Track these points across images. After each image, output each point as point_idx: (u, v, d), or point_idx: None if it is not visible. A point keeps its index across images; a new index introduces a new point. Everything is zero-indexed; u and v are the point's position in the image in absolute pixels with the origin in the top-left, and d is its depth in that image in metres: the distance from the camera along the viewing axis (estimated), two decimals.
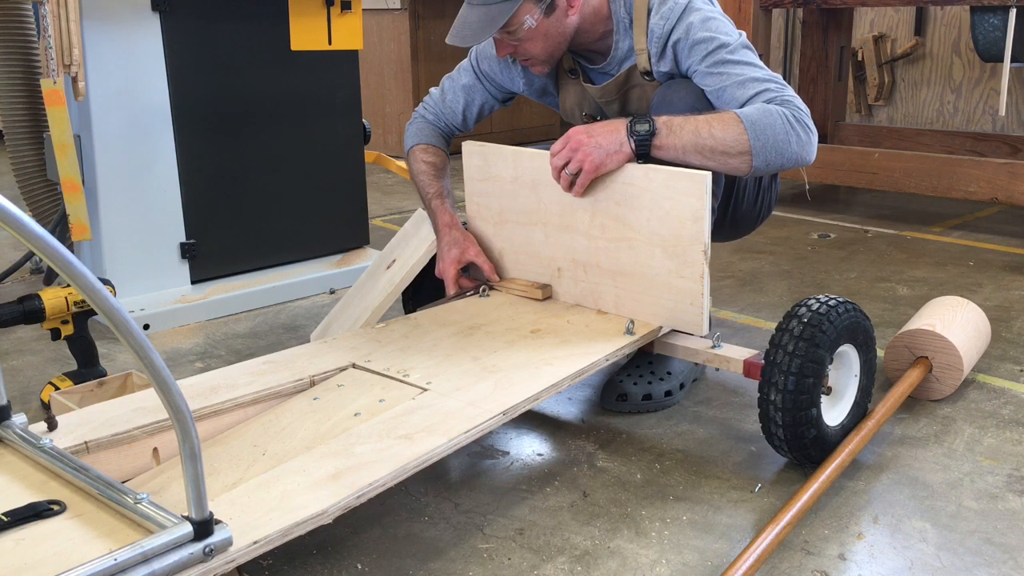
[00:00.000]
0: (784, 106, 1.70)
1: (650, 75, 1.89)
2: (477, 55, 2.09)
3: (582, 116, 2.06)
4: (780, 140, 1.68)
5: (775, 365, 1.63)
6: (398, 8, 5.04)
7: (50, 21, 2.14)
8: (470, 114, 2.14)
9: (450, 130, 2.16)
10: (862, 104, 5.27)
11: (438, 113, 2.15)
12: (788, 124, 1.69)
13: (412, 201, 4.11)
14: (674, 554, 1.46)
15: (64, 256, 0.87)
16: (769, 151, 1.68)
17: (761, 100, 1.72)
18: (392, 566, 1.44)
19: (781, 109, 1.69)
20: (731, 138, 1.67)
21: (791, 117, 1.69)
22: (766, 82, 1.74)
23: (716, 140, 1.68)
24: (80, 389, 1.85)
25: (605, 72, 1.96)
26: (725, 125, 1.68)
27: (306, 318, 2.61)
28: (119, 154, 2.44)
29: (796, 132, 1.69)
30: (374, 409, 1.49)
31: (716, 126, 1.68)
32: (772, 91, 1.73)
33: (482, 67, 2.08)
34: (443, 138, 2.14)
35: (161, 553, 1.03)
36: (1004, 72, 3.19)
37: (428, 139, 2.12)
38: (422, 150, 2.11)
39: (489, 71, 2.08)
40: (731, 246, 3.24)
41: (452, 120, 2.15)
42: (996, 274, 2.93)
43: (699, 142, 1.68)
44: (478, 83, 2.10)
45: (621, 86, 1.94)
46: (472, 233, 2.05)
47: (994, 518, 1.55)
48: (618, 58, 1.92)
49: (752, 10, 3.51)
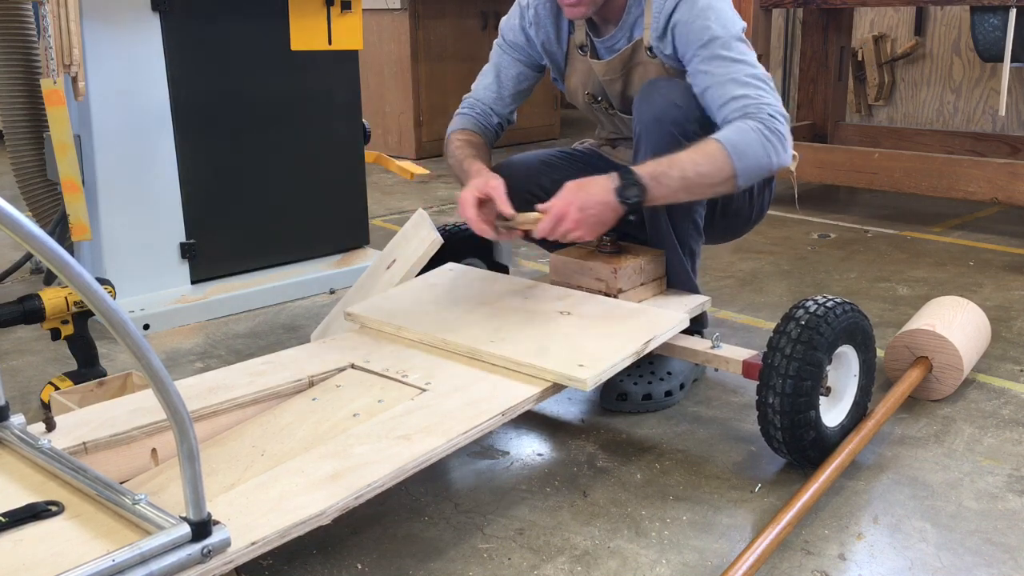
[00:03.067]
0: (758, 117, 1.74)
1: (652, 51, 1.89)
2: (501, 31, 2.09)
3: (584, 95, 2.06)
4: (760, 156, 1.73)
5: (773, 368, 1.62)
6: (398, 8, 5.03)
7: (50, 21, 2.14)
8: (505, 86, 2.07)
9: (487, 115, 2.09)
10: (862, 104, 5.27)
11: (472, 103, 2.10)
12: (764, 139, 1.73)
13: (412, 201, 4.11)
14: (674, 554, 1.46)
15: (61, 256, 0.87)
16: (751, 169, 1.73)
17: (738, 108, 1.75)
18: (392, 566, 1.44)
19: (756, 124, 1.73)
20: (716, 168, 1.71)
21: (766, 130, 1.73)
22: (746, 86, 1.77)
23: (703, 175, 1.71)
24: (80, 389, 1.85)
25: (612, 47, 1.96)
26: (709, 157, 1.71)
27: (306, 318, 2.61)
28: (119, 154, 2.44)
29: (772, 144, 1.74)
30: (373, 409, 1.49)
31: (700, 161, 1.71)
32: (750, 98, 1.76)
33: (507, 38, 2.07)
34: (481, 125, 2.09)
35: (159, 554, 1.02)
36: (1004, 72, 3.19)
37: (463, 126, 2.07)
38: (457, 135, 2.05)
39: (514, 40, 2.05)
40: (731, 246, 3.24)
41: (487, 99, 2.09)
42: (996, 274, 2.93)
43: (687, 183, 1.72)
44: (506, 55, 2.08)
45: (626, 62, 1.94)
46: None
47: (994, 518, 1.55)
48: (628, 23, 1.91)
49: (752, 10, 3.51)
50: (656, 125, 1.82)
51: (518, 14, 2.04)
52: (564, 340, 1.67)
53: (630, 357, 1.63)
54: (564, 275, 1.97)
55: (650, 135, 1.84)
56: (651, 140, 1.83)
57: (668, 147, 1.79)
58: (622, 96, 2.00)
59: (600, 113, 2.10)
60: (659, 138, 1.82)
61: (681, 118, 1.81)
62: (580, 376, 1.53)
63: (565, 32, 2.01)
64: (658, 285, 1.98)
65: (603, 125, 2.17)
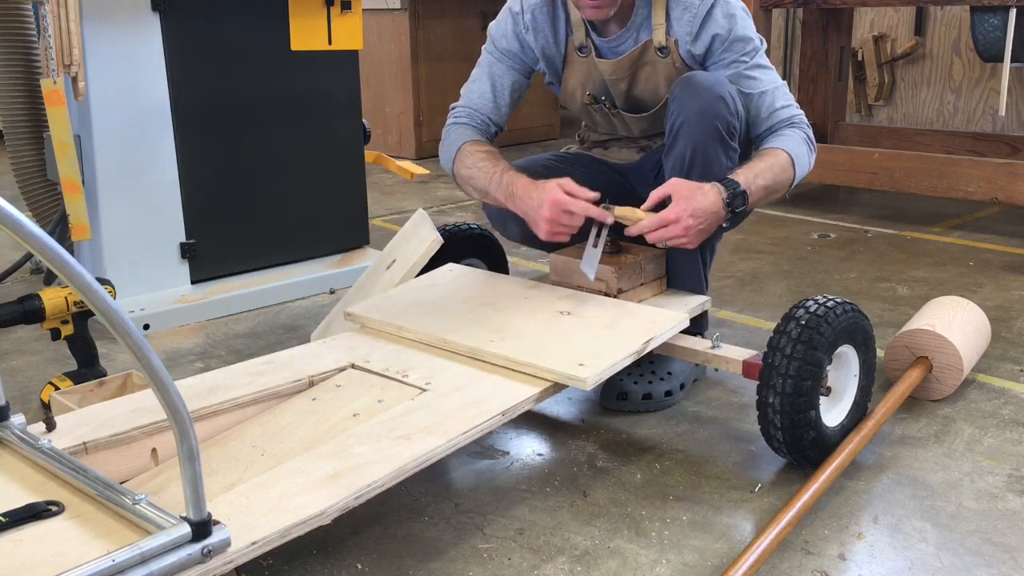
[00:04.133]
0: (802, 127, 1.89)
1: (663, 51, 1.90)
2: (492, 39, 2.06)
3: (584, 96, 2.06)
4: (807, 165, 1.88)
5: (773, 368, 1.62)
6: (398, 8, 5.03)
7: (50, 21, 2.14)
8: (501, 96, 2.05)
9: (486, 125, 2.07)
10: (862, 104, 5.27)
11: (470, 113, 2.06)
12: (809, 148, 1.88)
13: (412, 201, 4.11)
14: (674, 554, 1.46)
15: (61, 256, 0.87)
16: (801, 176, 1.87)
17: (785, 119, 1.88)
18: (392, 566, 1.44)
19: (802, 135, 1.88)
20: (786, 177, 1.83)
21: (809, 140, 1.89)
22: (787, 96, 1.91)
23: (778, 183, 1.82)
24: (80, 389, 1.85)
25: (616, 47, 1.96)
26: (783, 168, 1.82)
27: (306, 318, 2.61)
28: (119, 154, 2.44)
29: (812, 153, 1.89)
30: (373, 409, 1.49)
31: (777, 171, 1.81)
32: (793, 108, 1.90)
33: (500, 46, 2.05)
34: (483, 134, 2.05)
35: (159, 554, 1.03)
36: (1004, 72, 3.19)
37: (471, 136, 2.01)
38: (470, 145, 1.98)
39: (507, 47, 2.04)
40: (731, 246, 3.24)
41: (484, 109, 2.05)
42: (996, 274, 2.93)
43: (767, 191, 1.81)
44: (499, 64, 2.05)
45: (634, 63, 1.94)
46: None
47: (994, 518, 1.55)
48: (636, 23, 1.92)
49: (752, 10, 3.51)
50: (700, 118, 1.81)
51: (510, 20, 2.02)
52: (564, 340, 1.67)
53: (630, 356, 1.63)
54: (564, 275, 1.97)
55: (692, 127, 1.82)
56: (693, 133, 1.82)
57: (710, 140, 1.81)
58: (627, 95, 2.00)
59: (599, 114, 2.10)
60: (702, 131, 1.81)
61: (726, 113, 1.82)
62: (580, 375, 1.53)
63: (563, 35, 2.01)
64: (658, 285, 1.98)
65: (599, 125, 2.17)
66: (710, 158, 1.82)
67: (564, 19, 1.99)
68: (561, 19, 1.99)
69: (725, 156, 1.84)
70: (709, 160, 1.82)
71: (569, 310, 1.79)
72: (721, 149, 1.83)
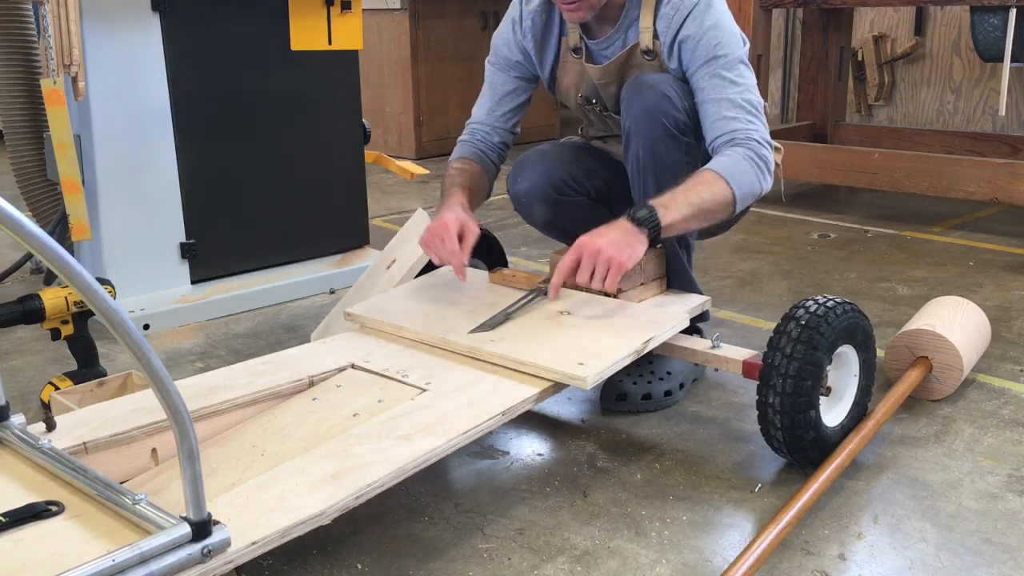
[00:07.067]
0: (747, 144, 1.80)
1: (650, 54, 1.91)
2: (494, 48, 2.10)
3: (577, 97, 2.07)
4: (752, 183, 1.80)
5: (773, 368, 1.62)
6: (398, 8, 5.03)
7: (50, 21, 2.14)
8: (502, 104, 2.08)
9: (488, 136, 2.10)
10: (862, 104, 5.27)
11: (472, 129, 2.11)
12: (754, 165, 1.80)
13: (412, 201, 4.11)
14: (674, 554, 1.46)
15: (61, 256, 0.87)
16: (745, 196, 1.81)
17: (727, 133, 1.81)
18: (392, 566, 1.44)
19: (744, 151, 1.80)
20: (719, 194, 1.76)
21: (755, 156, 1.80)
22: (738, 108, 1.82)
23: (707, 201, 1.75)
24: (80, 389, 1.85)
25: (606, 51, 1.97)
26: (709, 185, 1.76)
27: (306, 318, 2.61)
28: (119, 154, 2.44)
29: (760, 171, 1.81)
30: (373, 409, 1.49)
31: (703, 189, 1.76)
32: (739, 122, 1.82)
33: (501, 54, 2.08)
34: (479, 151, 2.09)
35: (159, 554, 1.03)
36: (1004, 72, 3.20)
37: (461, 154, 2.09)
38: (455, 163, 2.07)
39: (508, 55, 2.06)
40: (731, 246, 3.24)
41: (488, 121, 2.09)
42: (996, 274, 2.93)
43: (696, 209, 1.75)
44: (500, 73, 2.08)
45: (621, 66, 1.95)
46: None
47: (994, 518, 1.55)
48: (625, 25, 1.92)
49: (752, 10, 3.51)
50: (646, 117, 1.84)
51: (511, 28, 2.05)
52: (564, 340, 1.67)
53: (630, 356, 1.63)
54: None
55: (641, 127, 1.85)
56: (642, 132, 1.85)
57: (659, 138, 1.82)
58: (616, 98, 2.01)
59: (592, 115, 2.12)
60: (650, 129, 1.84)
61: (671, 108, 1.83)
62: (580, 375, 1.53)
63: (558, 35, 2.02)
64: (658, 285, 1.98)
65: (594, 125, 2.18)
66: (663, 155, 1.85)
67: (560, 19, 2.01)
68: (556, 20, 2.02)
69: (678, 151, 1.86)
70: (662, 156, 1.85)
71: (569, 310, 1.79)
72: (673, 144, 1.85)
